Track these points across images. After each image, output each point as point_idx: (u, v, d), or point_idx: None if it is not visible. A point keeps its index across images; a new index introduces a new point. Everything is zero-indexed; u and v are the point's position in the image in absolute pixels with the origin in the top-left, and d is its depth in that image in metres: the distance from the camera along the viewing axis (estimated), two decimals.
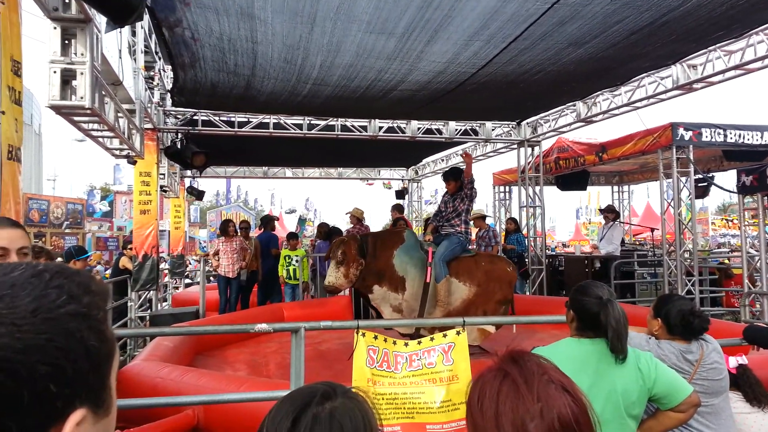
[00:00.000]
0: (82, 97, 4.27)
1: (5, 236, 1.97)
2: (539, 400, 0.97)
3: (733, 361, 3.08)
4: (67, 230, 20.58)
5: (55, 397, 0.58)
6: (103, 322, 0.66)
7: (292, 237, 10.30)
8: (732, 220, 27.20)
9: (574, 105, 9.27)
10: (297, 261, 9.72)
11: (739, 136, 8.65)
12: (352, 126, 9.96)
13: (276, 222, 10.60)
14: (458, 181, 6.61)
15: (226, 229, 9.51)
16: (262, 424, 0.98)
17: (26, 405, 0.56)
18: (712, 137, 8.52)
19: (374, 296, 6.14)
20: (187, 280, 15.06)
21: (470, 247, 6.90)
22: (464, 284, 6.26)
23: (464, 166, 6.70)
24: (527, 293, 10.62)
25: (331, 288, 6.04)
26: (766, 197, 7.44)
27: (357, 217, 10.27)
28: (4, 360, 0.55)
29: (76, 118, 5.00)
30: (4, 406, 0.55)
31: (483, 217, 10.88)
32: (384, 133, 10.09)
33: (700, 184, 9.82)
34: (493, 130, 10.70)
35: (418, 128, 10.20)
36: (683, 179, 8.48)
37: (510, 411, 0.97)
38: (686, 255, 8.53)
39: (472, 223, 7.29)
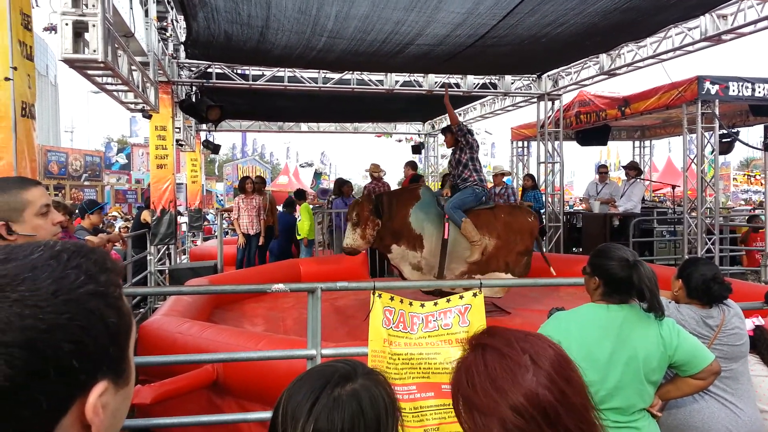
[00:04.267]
0: (95, 50, 4.20)
1: (37, 194, 1.96)
2: (525, 351, 0.98)
3: (750, 323, 3.04)
4: (86, 183, 20.81)
5: (78, 371, 0.62)
6: (119, 298, 0.69)
7: (298, 195, 10.46)
8: (754, 176, 26.67)
9: (597, 57, 8.99)
10: (299, 216, 9.81)
11: None
12: (369, 80, 9.78)
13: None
14: (451, 134, 6.42)
15: (243, 186, 9.52)
16: (279, 401, 0.96)
17: (52, 380, 0.60)
18: (739, 91, 8.24)
19: (393, 256, 6.12)
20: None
21: (490, 200, 6.78)
22: (484, 237, 6.19)
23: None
24: (544, 251, 10.58)
25: (349, 250, 6.01)
26: None
27: (375, 175, 10.21)
28: (30, 340, 0.59)
29: (89, 72, 4.94)
30: (32, 381, 0.59)
31: (502, 174, 10.75)
32: (400, 86, 9.90)
33: (724, 140, 9.56)
34: (512, 83, 10.45)
35: (436, 82, 9.98)
36: (707, 135, 8.26)
37: (504, 372, 0.96)
38: (708, 213, 8.39)
39: (489, 176, 7.09)
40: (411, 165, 10.15)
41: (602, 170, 11.33)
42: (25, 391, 0.59)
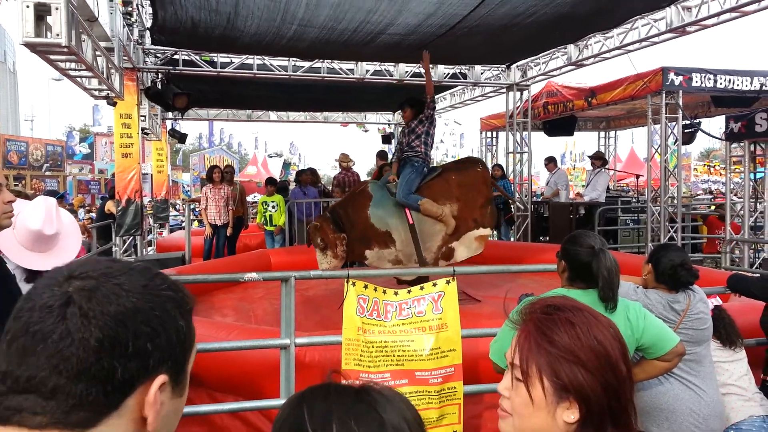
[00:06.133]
0: (57, 34, 4.08)
1: None
2: (609, 323, 1.11)
3: (710, 304, 3.14)
4: (47, 173, 20.21)
5: (149, 354, 0.74)
6: (190, 313, 0.82)
7: (269, 183, 10.24)
8: (714, 167, 27.43)
9: (565, 48, 9.09)
10: (273, 207, 9.67)
11: (729, 81, 8.57)
12: (340, 69, 9.70)
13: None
14: (414, 109, 6.26)
15: (211, 175, 9.35)
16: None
17: (129, 353, 0.72)
18: (702, 82, 8.43)
19: (370, 261, 6.02)
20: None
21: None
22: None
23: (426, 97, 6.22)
24: (512, 239, 10.71)
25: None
26: (752, 144, 7.47)
27: (344, 165, 10.19)
28: (120, 314, 0.72)
29: (52, 57, 4.79)
30: (116, 349, 0.71)
31: None
32: (371, 75, 9.85)
33: (686, 130, 9.80)
34: (482, 73, 10.50)
35: (406, 71, 9.97)
36: (671, 125, 8.45)
37: (599, 333, 1.07)
38: (670, 201, 8.59)
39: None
40: (381, 155, 10.13)
41: (546, 162, 11.69)
42: (107, 355, 0.70)
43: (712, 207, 11.92)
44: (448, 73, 10.24)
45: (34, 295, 0.73)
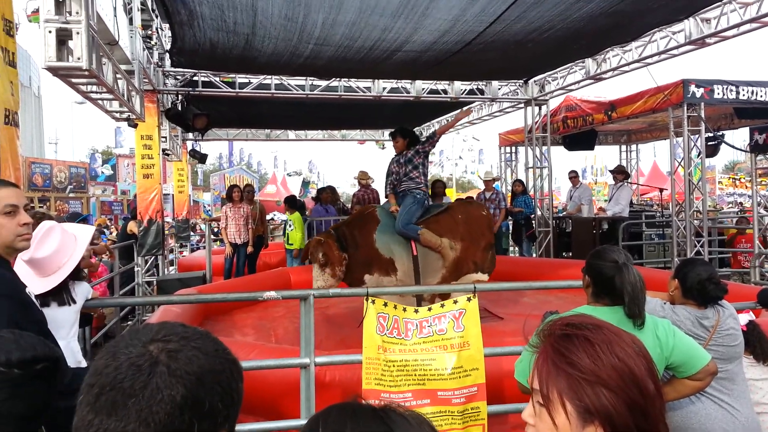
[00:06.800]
0: (79, 58, 4.14)
1: (3, 194, 1.96)
2: (632, 339, 1.07)
3: (744, 318, 3.04)
4: (71, 194, 20.55)
5: (219, 412, 0.81)
6: (242, 376, 0.90)
7: (288, 201, 10.26)
8: (739, 179, 26.96)
9: (583, 62, 9.04)
10: (290, 225, 9.67)
11: (752, 92, 8.43)
12: (356, 87, 9.76)
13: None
14: (407, 139, 6.26)
15: (231, 195, 9.41)
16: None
17: (204, 411, 0.79)
18: (724, 94, 8.31)
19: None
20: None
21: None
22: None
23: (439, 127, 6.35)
24: (534, 255, 10.59)
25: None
26: None
27: (363, 182, 10.20)
28: (200, 374, 0.80)
29: (74, 80, 4.87)
30: (196, 406, 0.78)
31: (493, 180, 10.78)
32: (388, 93, 9.89)
33: (710, 143, 9.65)
34: (499, 89, 10.48)
35: (423, 88, 9.99)
36: (693, 138, 8.31)
37: (621, 350, 1.03)
38: (696, 215, 8.43)
39: (479, 183, 6.86)
40: None
41: (571, 175, 11.60)
42: (189, 411, 0.77)
43: (735, 221, 11.66)
44: (466, 89, 10.23)
45: (116, 354, 0.80)
